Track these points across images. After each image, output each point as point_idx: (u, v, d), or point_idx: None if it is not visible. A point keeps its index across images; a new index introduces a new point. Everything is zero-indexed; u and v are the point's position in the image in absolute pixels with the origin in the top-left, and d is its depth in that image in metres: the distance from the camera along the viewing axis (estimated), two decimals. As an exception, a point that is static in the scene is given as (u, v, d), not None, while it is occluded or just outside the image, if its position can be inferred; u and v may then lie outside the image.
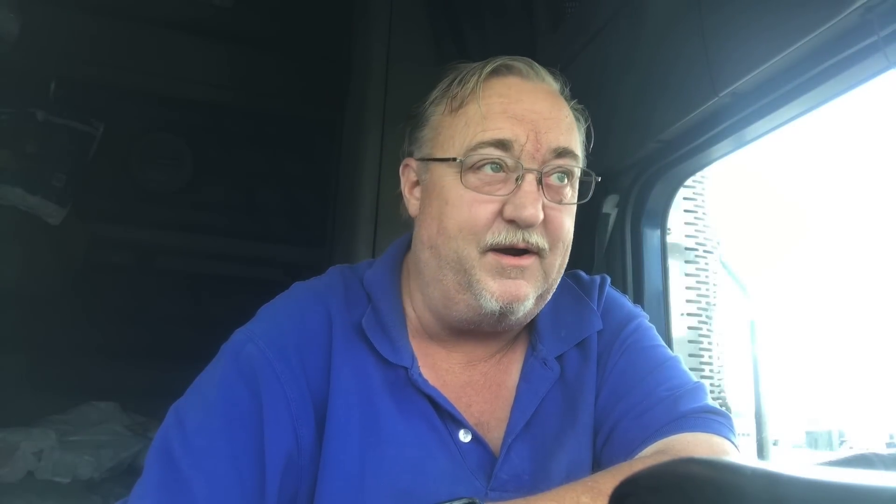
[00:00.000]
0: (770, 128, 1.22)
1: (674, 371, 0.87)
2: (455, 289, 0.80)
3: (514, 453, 0.82)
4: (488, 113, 0.80)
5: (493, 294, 0.78)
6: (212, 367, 0.81)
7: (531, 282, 0.80)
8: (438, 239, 0.80)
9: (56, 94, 3.20)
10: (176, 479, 0.71)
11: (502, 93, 0.81)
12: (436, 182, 0.82)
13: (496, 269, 0.78)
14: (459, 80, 0.83)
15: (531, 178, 0.78)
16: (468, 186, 0.78)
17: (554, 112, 0.82)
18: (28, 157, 3.13)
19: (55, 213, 3.21)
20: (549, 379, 0.87)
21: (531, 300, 0.80)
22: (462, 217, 0.78)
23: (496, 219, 0.78)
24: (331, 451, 0.77)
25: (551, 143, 0.79)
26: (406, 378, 0.82)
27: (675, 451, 0.77)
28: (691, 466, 0.32)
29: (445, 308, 0.82)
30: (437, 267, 0.81)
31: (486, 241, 0.78)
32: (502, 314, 0.79)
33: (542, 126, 0.80)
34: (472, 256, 0.78)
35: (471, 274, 0.78)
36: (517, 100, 0.81)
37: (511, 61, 0.84)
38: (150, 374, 2.97)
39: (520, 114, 0.80)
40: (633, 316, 0.94)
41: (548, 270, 0.81)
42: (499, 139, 0.78)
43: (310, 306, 0.84)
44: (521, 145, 0.78)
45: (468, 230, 0.78)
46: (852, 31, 0.93)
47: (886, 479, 0.29)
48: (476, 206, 0.78)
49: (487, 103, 0.80)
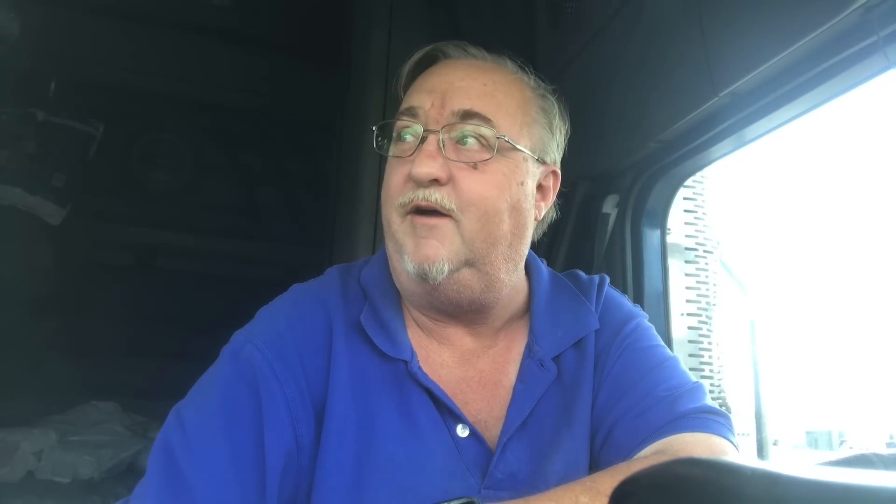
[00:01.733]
0: (770, 128, 1.22)
1: (673, 371, 0.87)
2: (396, 259, 0.83)
3: (510, 452, 0.82)
4: (410, 93, 0.86)
5: (410, 255, 0.79)
6: (212, 369, 0.81)
7: (444, 244, 0.79)
8: (382, 211, 0.85)
9: (56, 94, 3.20)
10: (177, 479, 0.71)
11: (427, 75, 0.87)
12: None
13: (412, 228, 0.80)
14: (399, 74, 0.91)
15: (431, 138, 0.80)
16: (391, 156, 0.85)
17: (467, 80, 0.83)
18: (28, 157, 3.13)
19: (55, 213, 3.21)
20: (545, 380, 0.86)
21: (445, 263, 0.78)
22: (388, 185, 0.84)
23: (407, 181, 0.81)
24: (328, 448, 0.78)
25: (454, 106, 0.81)
26: (405, 371, 0.82)
27: (674, 452, 0.77)
28: (691, 467, 0.32)
29: (397, 280, 0.86)
30: (386, 238, 0.85)
31: (399, 202, 0.81)
32: (420, 277, 0.79)
33: (449, 93, 0.82)
34: (395, 220, 0.82)
35: (397, 239, 0.82)
36: (431, 75, 0.86)
37: (442, 46, 0.90)
38: (150, 374, 2.98)
39: (429, 86, 0.84)
40: (632, 316, 0.94)
41: (466, 235, 0.79)
42: (407, 107, 0.83)
43: (308, 307, 0.85)
44: (425, 111, 0.82)
45: (388, 194, 0.83)
46: (852, 31, 0.93)
47: (886, 479, 0.29)
48: (392, 173, 0.84)
49: (413, 85, 0.87)
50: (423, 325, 0.88)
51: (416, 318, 0.88)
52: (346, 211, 2.74)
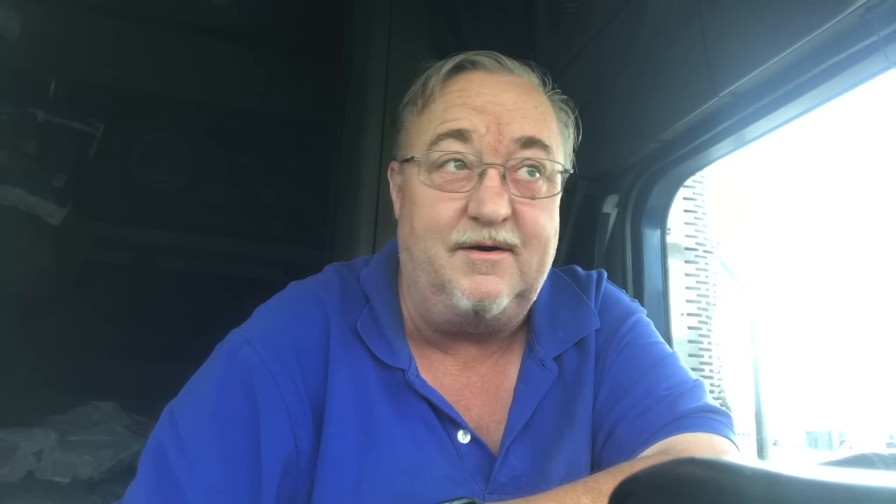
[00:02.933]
0: (770, 128, 1.22)
1: (673, 369, 0.87)
2: (430, 290, 0.79)
3: (513, 455, 0.81)
4: (448, 107, 0.78)
5: (465, 292, 0.75)
6: (207, 367, 0.80)
7: (505, 278, 0.76)
8: (410, 240, 0.79)
9: (56, 94, 3.20)
10: (168, 483, 0.71)
11: (463, 87, 0.80)
12: (408, 183, 0.82)
13: (467, 265, 0.75)
14: (424, 80, 0.82)
15: (493, 172, 0.75)
16: (431, 185, 0.77)
17: (520, 103, 0.79)
18: (28, 157, 3.13)
19: (55, 213, 3.21)
20: (547, 380, 0.86)
21: (505, 298, 0.77)
22: (427, 216, 0.77)
23: (461, 217, 0.76)
24: (328, 454, 0.77)
25: (514, 133, 0.77)
26: (403, 380, 0.81)
27: (676, 452, 0.76)
28: (692, 466, 0.32)
29: (425, 310, 0.82)
30: (412, 269, 0.81)
31: (451, 240, 0.76)
32: (476, 313, 0.76)
33: (504, 117, 0.77)
34: (440, 256, 0.76)
35: (441, 274, 0.76)
36: (478, 93, 0.79)
37: (474, 56, 0.83)
38: (150, 374, 2.97)
39: (480, 105, 0.77)
40: (630, 312, 0.94)
41: (524, 269, 0.78)
42: (456, 129, 0.76)
43: (307, 307, 0.84)
44: (480, 136, 0.76)
45: (434, 230, 0.76)
46: (852, 31, 0.93)
47: (886, 479, 0.29)
48: (440, 205, 0.76)
49: (447, 98, 0.79)
50: (428, 339, 0.87)
51: (423, 331, 0.86)
52: (346, 211, 2.74)
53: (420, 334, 0.87)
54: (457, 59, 0.82)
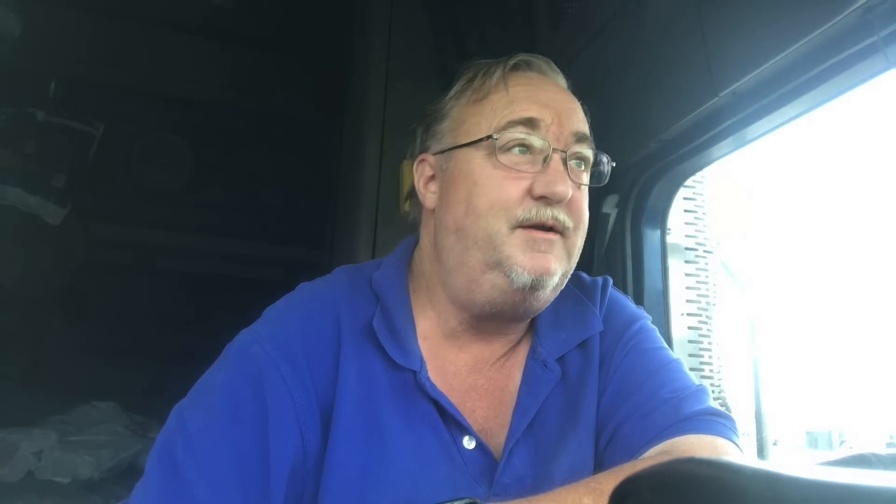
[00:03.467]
0: (770, 128, 1.22)
1: (677, 374, 0.88)
2: (481, 269, 0.81)
3: (516, 457, 0.82)
4: (514, 99, 0.84)
5: (525, 267, 0.79)
6: (216, 368, 0.80)
7: (558, 258, 0.82)
8: (466, 220, 0.82)
9: (56, 94, 3.19)
10: (177, 483, 0.71)
11: (525, 83, 0.86)
12: (461, 167, 0.84)
13: (527, 242, 0.80)
14: (483, 73, 0.87)
15: (558, 157, 0.82)
16: (497, 166, 0.81)
17: (571, 102, 0.88)
18: (28, 157, 3.13)
19: (55, 213, 3.21)
20: (549, 381, 0.86)
21: (557, 276, 0.82)
22: (493, 195, 0.81)
23: (525, 196, 0.80)
24: (335, 455, 0.77)
25: (573, 127, 0.84)
26: (414, 382, 0.81)
27: (678, 453, 0.77)
28: (692, 466, 0.32)
29: (469, 292, 0.83)
30: (462, 249, 0.82)
31: (517, 216, 0.80)
32: (533, 288, 0.80)
33: (563, 112, 0.84)
34: (502, 232, 0.80)
35: (500, 250, 0.80)
36: (540, 88, 0.86)
37: (530, 58, 0.90)
38: (150, 374, 2.97)
39: (544, 100, 0.85)
40: (636, 318, 0.95)
41: (570, 250, 0.84)
42: (527, 117, 0.82)
43: (318, 309, 0.84)
44: (547, 126, 0.83)
45: (499, 206, 0.80)
46: (852, 31, 0.93)
47: (886, 479, 0.29)
48: (507, 183, 0.81)
49: (512, 91, 0.85)
50: (448, 333, 0.87)
51: (447, 325, 0.87)
52: (346, 211, 2.74)
53: (440, 330, 0.87)
54: (517, 58, 0.89)
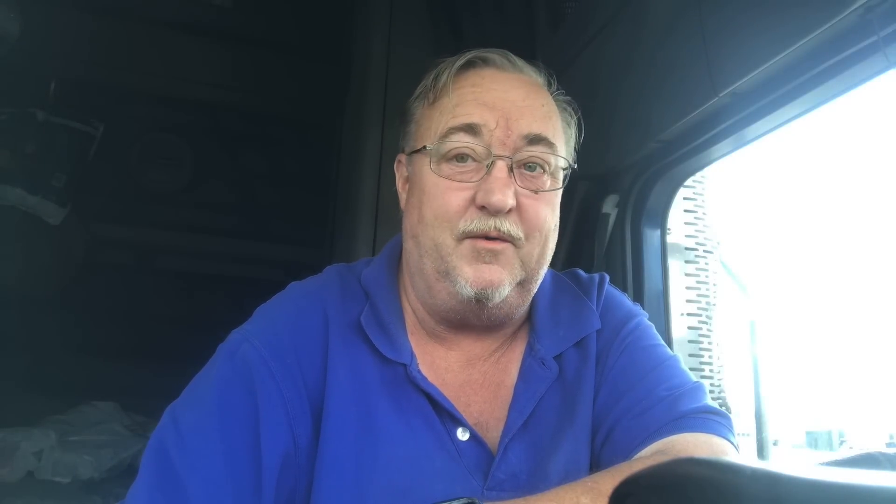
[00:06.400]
0: (770, 128, 1.22)
1: (673, 370, 0.87)
2: (434, 277, 0.81)
3: (512, 453, 0.82)
4: (459, 101, 0.81)
5: (468, 280, 0.78)
6: (208, 367, 0.81)
7: (506, 268, 0.79)
8: (418, 227, 0.82)
9: (56, 94, 3.20)
10: (170, 480, 0.71)
11: (475, 83, 0.83)
12: (416, 173, 0.84)
13: (472, 253, 0.78)
14: (436, 75, 0.85)
15: (501, 164, 0.78)
16: (441, 175, 0.80)
17: (528, 101, 0.82)
18: (28, 157, 3.14)
19: (55, 213, 3.21)
20: (546, 379, 0.86)
21: (507, 287, 0.80)
22: (437, 205, 0.80)
23: (469, 206, 0.79)
24: (328, 449, 0.77)
25: (522, 129, 0.80)
26: (405, 375, 0.82)
27: (674, 452, 0.76)
28: (692, 466, 0.32)
29: (430, 297, 0.84)
30: (418, 256, 0.83)
31: (459, 228, 0.78)
32: (479, 301, 0.79)
33: (513, 113, 0.80)
34: (447, 244, 0.79)
35: (447, 261, 0.79)
36: (489, 88, 0.82)
37: (486, 53, 0.85)
38: (150, 374, 2.97)
39: (490, 101, 0.80)
40: (632, 314, 0.94)
41: (525, 259, 0.81)
42: (467, 123, 0.79)
43: (305, 305, 0.84)
44: (490, 131, 0.79)
45: (442, 217, 0.79)
46: (852, 31, 0.93)
47: (887, 479, 0.29)
48: (449, 194, 0.79)
49: (459, 93, 0.82)
50: (431, 332, 0.87)
51: (427, 325, 0.87)
52: (345, 211, 2.74)
53: (424, 329, 0.88)
54: (469, 56, 0.84)
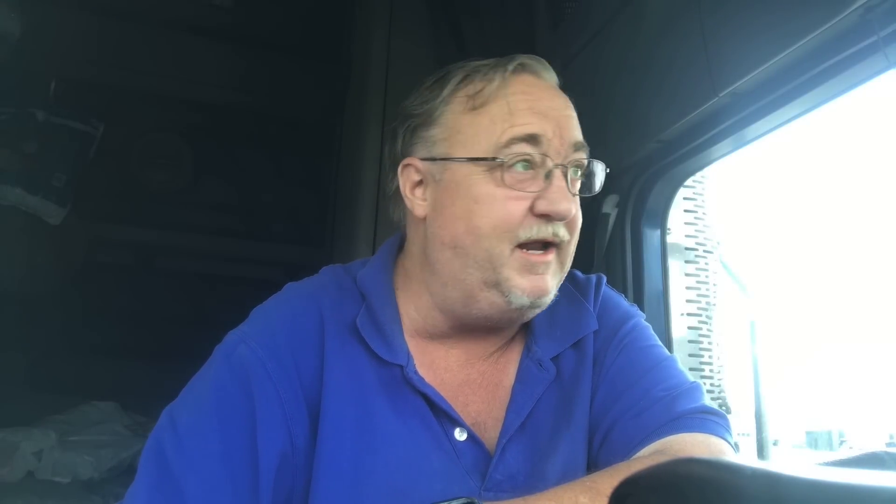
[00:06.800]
0: (770, 128, 1.22)
1: (671, 371, 0.87)
2: (479, 287, 0.80)
3: (509, 454, 0.82)
4: (514, 110, 0.80)
5: (524, 290, 0.79)
6: (205, 369, 0.81)
7: (553, 275, 0.83)
8: (467, 238, 0.80)
9: (56, 94, 3.20)
10: (168, 481, 0.71)
11: (524, 90, 0.82)
12: (459, 181, 0.81)
13: (525, 266, 0.80)
14: (481, 78, 0.83)
15: (559, 172, 0.80)
16: (502, 184, 0.79)
17: (569, 109, 0.85)
18: (28, 157, 3.13)
19: (55, 213, 3.21)
20: (544, 380, 0.87)
21: (553, 292, 0.83)
22: (497, 215, 0.79)
23: (527, 214, 0.79)
24: (325, 450, 0.77)
25: (571, 138, 0.82)
26: (401, 376, 0.82)
27: (672, 452, 0.76)
28: (691, 466, 0.32)
29: (465, 307, 0.83)
30: (460, 266, 0.81)
31: (519, 237, 0.79)
32: (530, 308, 0.81)
33: (562, 122, 0.82)
34: (503, 254, 0.79)
35: (499, 272, 0.79)
36: (539, 97, 0.82)
37: (527, 59, 0.85)
38: (150, 374, 2.97)
39: (543, 110, 0.81)
40: (629, 315, 0.94)
41: (564, 261, 0.84)
42: (529, 133, 0.79)
43: (302, 306, 0.84)
44: (548, 140, 0.80)
45: (503, 228, 0.79)
46: (852, 31, 0.93)
47: (887, 479, 0.29)
48: (510, 203, 0.79)
49: (511, 101, 0.81)
50: (434, 332, 0.87)
51: (432, 326, 0.87)
52: (345, 211, 2.74)
53: (426, 331, 0.87)
54: (516, 62, 0.84)
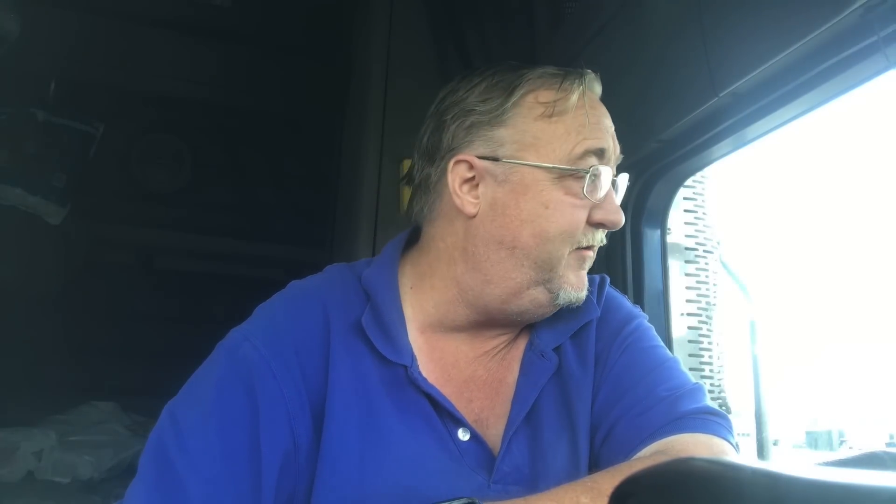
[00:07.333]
0: (770, 128, 1.22)
1: (673, 372, 0.88)
2: (528, 284, 0.83)
3: (515, 446, 0.83)
4: (584, 123, 0.84)
5: (573, 286, 0.85)
6: (207, 365, 0.81)
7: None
8: (531, 241, 0.82)
9: (56, 94, 3.19)
10: (170, 480, 0.71)
11: (592, 104, 0.87)
12: (529, 185, 0.83)
13: (578, 262, 0.85)
14: (560, 87, 0.85)
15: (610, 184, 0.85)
16: (570, 193, 0.83)
17: (612, 122, 0.90)
18: (28, 157, 3.13)
19: (55, 213, 3.21)
20: (546, 370, 0.88)
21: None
22: (565, 221, 0.82)
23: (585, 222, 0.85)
24: (329, 450, 0.77)
25: (619, 153, 0.89)
26: (405, 377, 0.82)
27: (674, 452, 0.77)
28: (692, 466, 0.32)
29: (504, 303, 0.85)
30: (514, 265, 0.83)
31: (579, 242, 0.84)
32: (574, 302, 0.86)
33: (614, 138, 0.88)
34: (563, 257, 0.83)
35: (556, 271, 0.83)
36: (602, 113, 0.88)
37: (592, 73, 0.91)
38: (150, 374, 2.97)
39: (605, 126, 0.87)
40: (633, 316, 0.95)
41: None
42: (600, 148, 0.84)
43: (306, 304, 0.84)
44: (609, 155, 0.86)
45: (568, 233, 0.82)
46: (852, 31, 0.93)
47: (887, 479, 0.29)
48: (577, 212, 0.83)
49: (580, 114, 0.85)
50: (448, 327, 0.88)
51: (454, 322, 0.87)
52: (345, 211, 2.74)
53: (441, 324, 0.88)
54: (589, 76, 0.89)
